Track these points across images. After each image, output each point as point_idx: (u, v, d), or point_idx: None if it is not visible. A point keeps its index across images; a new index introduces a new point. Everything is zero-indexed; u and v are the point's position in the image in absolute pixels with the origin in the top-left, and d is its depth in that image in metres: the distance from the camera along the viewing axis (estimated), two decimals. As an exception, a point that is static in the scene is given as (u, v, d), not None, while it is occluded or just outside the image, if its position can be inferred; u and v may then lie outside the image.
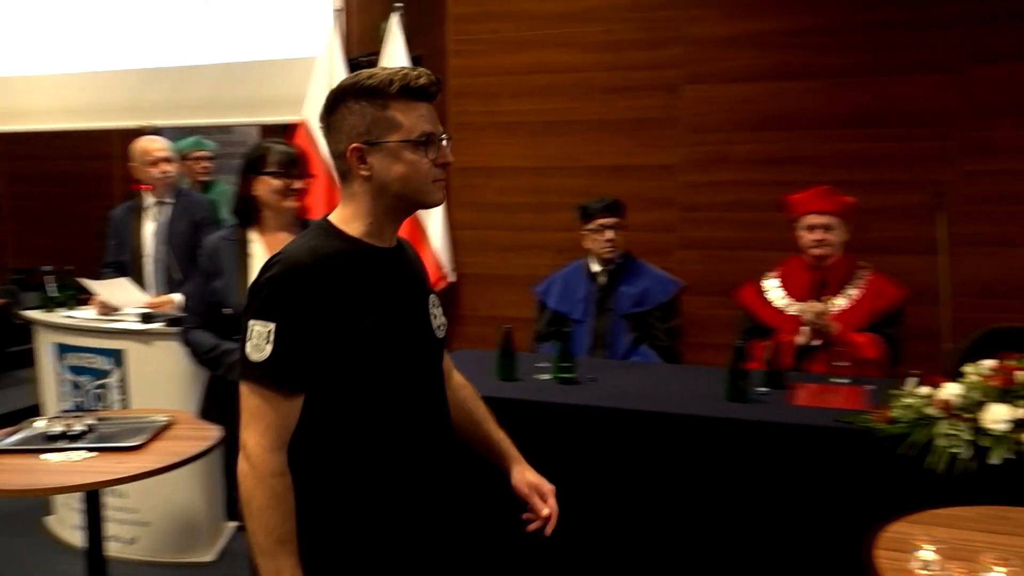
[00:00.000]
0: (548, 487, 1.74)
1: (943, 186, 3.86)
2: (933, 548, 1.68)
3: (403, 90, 1.42)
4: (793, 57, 4.09)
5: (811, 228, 3.22)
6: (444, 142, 1.48)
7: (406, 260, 1.60)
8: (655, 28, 4.26)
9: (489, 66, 4.58)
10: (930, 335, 3.73)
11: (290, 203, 2.48)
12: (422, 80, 1.44)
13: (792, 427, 2.41)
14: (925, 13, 3.90)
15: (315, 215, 2.83)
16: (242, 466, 1.40)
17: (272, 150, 2.49)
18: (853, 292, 3.21)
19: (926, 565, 1.66)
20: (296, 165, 2.50)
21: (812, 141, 4.07)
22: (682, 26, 4.21)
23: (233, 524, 3.53)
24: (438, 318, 1.64)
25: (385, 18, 4.58)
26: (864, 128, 4.00)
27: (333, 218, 1.51)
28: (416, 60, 4.56)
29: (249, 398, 1.41)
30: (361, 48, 5.10)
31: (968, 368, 2.33)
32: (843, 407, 2.50)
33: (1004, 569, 1.60)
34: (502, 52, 4.55)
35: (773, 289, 3.33)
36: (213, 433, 2.44)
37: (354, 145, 1.43)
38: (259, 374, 1.39)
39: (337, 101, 1.46)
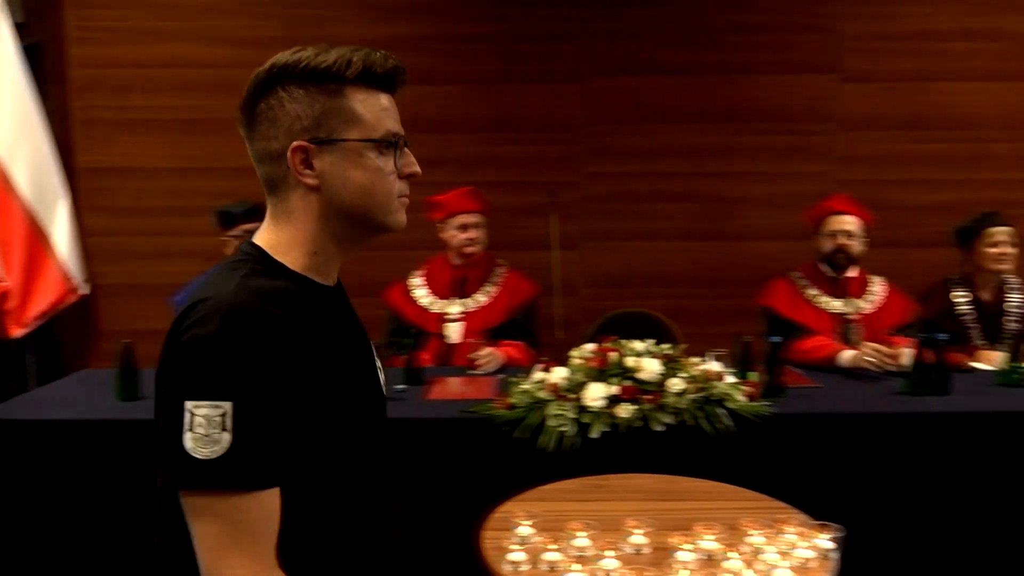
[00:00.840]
0: None
1: (568, 188, 4.24)
2: (530, 523, 1.81)
3: (364, 75, 1.10)
4: (437, 62, 4.23)
5: (463, 227, 3.33)
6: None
7: (348, 302, 1.27)
8: (298, 26, 4.17)
9: (118, 57, 4.19)
10: (567, 324, 4.09)
11: None
12: (389, 64, 1.13)
13: (423, 421, 2.47)
14: (551, 27, 4.24)
15: None
16: None
17: None
18: (492, 289, 3.38)
19: (523, 540, 1.77)
20: None
21: (457, 144, 4.25)
22: (325, 26, 4.17)
23: None
24: (382, 371, 1.32)
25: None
26: (500, 132, 4.26)
27: (263, 243, 1.14)
28: (32, 48, 4.04)
29: (212, 514, 0.99)
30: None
31: (573, 352, 2.56)
32: (474, 398, 2.61)
33: (585, 533, 1.76)
34: (133, 42, 4.19)
35: (418, 288, 3.41)
36: None
37: (298, 143, 1.09)
38: (216, 477, 0.98)
39: (271, 84, 1.10)
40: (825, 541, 1.73)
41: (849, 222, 3.27)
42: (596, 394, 2.36)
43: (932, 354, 2.69)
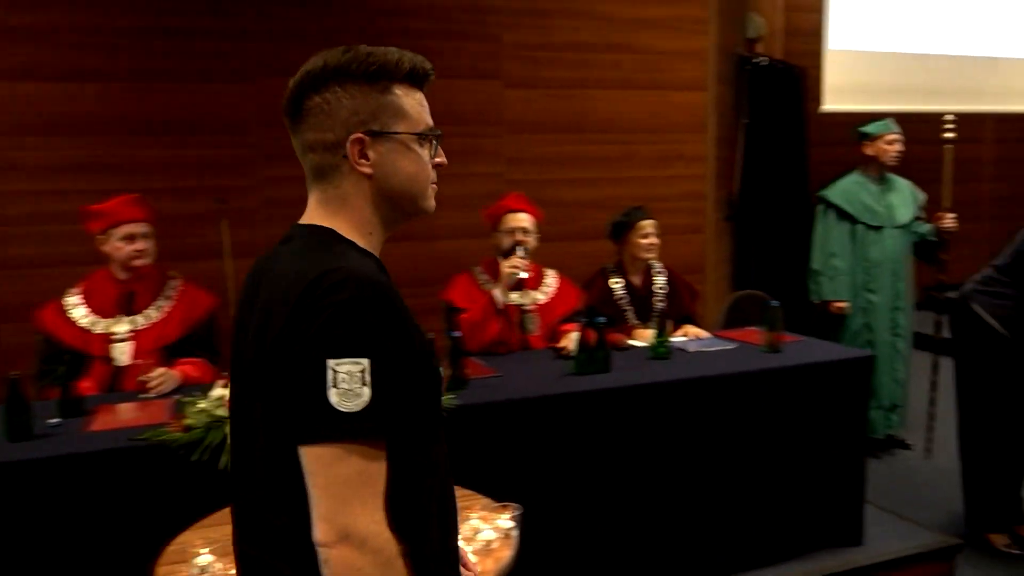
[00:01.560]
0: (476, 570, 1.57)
1: (241, 193, 4.06)
2: (209, 549, 1.70)
3: (410, 74, 1.23)
4: (86, 57, 3.82)
5: (130, 238, 3.03)
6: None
7: None
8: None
9: None
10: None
11: None
12: (428, 66, 1.26)
13: (84, 456, 2.21)
14: (221, 24, 4.03)
15: None
16: (354, 560, 1.05)
17: None
18: (165, 304, 3.13)
19: (202, 570, 1.66)
20: None
21: (112, 147, 3.87)
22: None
23: None
24: None
25: None
26: (165, 135, 3.96)
27: (328, 226, 1.22)
28: None
29: (343, 463, 1.06)
30: None
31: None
32: (146, 424, 2.40)
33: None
34: None
35: (76, 307, 3.06)
36: None
37: (356, 135, 1.19)
38: (359, 428, 1.07)
39: (326, 80, 1.19)
40: (506, 521, 1.82)
41: (524, 219, 3.49)
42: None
43: (595, 336, 2.96)
